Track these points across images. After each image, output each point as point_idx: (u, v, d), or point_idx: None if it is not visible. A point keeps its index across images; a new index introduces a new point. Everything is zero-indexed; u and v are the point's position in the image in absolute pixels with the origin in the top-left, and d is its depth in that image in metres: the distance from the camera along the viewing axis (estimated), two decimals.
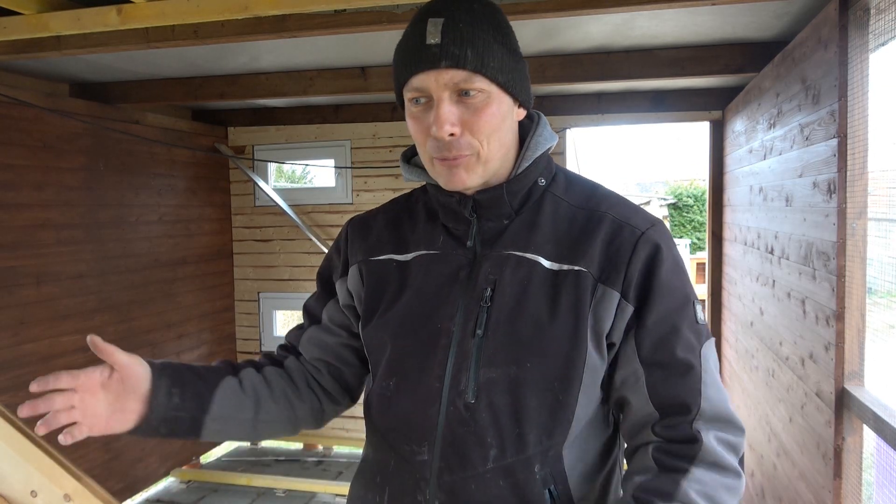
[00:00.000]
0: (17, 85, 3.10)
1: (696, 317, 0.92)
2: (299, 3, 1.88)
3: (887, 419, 1.61)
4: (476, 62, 0.87)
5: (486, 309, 0.92)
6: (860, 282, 1.84)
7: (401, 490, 0.95)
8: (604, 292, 0.90)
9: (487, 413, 0.90)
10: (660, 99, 3.94)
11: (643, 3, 1.99)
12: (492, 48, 0.88)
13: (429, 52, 0.87)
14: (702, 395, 0.89)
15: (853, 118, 1.82)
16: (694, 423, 0.88)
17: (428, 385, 0.93)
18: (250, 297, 4.67)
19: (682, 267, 0.94)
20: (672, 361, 0.89)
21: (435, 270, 0.99)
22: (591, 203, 0.97)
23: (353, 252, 1.08)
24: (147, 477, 3.90)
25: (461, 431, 0.91)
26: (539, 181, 0.98)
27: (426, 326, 0.96)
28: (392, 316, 1.00)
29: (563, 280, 0.91)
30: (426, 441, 0.92)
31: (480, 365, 0.91)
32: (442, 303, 0.96)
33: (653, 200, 13.66)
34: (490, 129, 0.90)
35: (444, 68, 0.86)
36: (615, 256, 0.91)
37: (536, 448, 0.90)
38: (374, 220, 1.10)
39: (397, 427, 0.97)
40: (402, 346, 0.98)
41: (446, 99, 0.88)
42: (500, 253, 0.95)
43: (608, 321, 0.91)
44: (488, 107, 0.89)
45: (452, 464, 0.91)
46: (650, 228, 0.93)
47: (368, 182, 4.41)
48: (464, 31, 0.87)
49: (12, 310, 3.01)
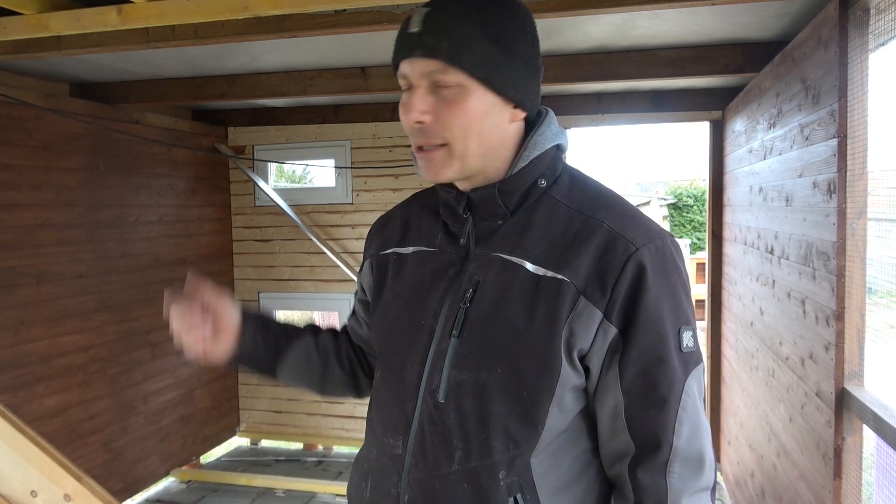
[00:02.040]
0: (17, 85, 3.10)
1: (685, 344, 0.88)
2: (299, 3, 1.88)
3: (887, 419, 1.61)
4: (451, 54, 0.86)
5: (464, 310, 0.92)
6: (860, 282, 1.84)
7: (380, 480, 0.98)
8: (585, 307, 0.86)
9: (455, 415, 0.90)
10: (660, 99, 3.94)
11: (643, 3, 1.99)
12: (473, 41, 0.86)
13: (409, 39, 0.89)
14: (675, 432, 0.87)
15: (853, 118, 1.82)
16: (667, 473, 0.87)
17: (408, 381, 0.95)
18: (250, 297, 4.67)
19: (676, 287, 0.89)
20: (652, 393, 0.87)
21: (428, 266, 0.99)
22: (590, 209, 0.92)
23: (368, 248, 1.13)
24: (147, 477, 3.90)
25: (430, 430, 0.92)
26: (539, 182, 0.95)
27: (411, 322, 0.97)
28: (384, 308, 1.04)
29: (543, 287, 0.88)
30: (401, 436, 0.94)
31: (453, 366, 0.91)
32: (428, 299, 0.96)
33: (653, 200, 13.66)
34: (463, 124, 0.89)
35: (418, 57, 0.87)
36: (603, 273, 0.87)
37: (502, 455, 0.89)
38: (394, 214, 1.13)
39: (380, 419, 1.00)
40: (390, 339, 1.01)
41: (422, 87, 0.89)
42: (487, 254, 0.94)
43: (585, 339, 0.87)
44: (462, 101, 0.88)
45: (420, 461, 0.92)
46: (646, 246, 0.88)
47: (368, 182, 4.41)
48: (445, 22, 0.87)
49: (12, 310, 3.01)
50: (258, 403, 4.73)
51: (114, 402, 3.61)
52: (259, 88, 3.43)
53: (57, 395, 3.25)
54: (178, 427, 4.14)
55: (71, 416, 3.33)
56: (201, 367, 4.36)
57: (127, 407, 3.71)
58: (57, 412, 3.25)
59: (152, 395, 3.90)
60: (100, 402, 3.51)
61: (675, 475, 0.87)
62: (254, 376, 1.19)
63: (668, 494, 0.87)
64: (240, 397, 4.76)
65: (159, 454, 3.98)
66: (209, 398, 4.44)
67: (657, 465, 0.87)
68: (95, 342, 3.47)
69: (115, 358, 3.60)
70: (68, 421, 3.32)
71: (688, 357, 0.89)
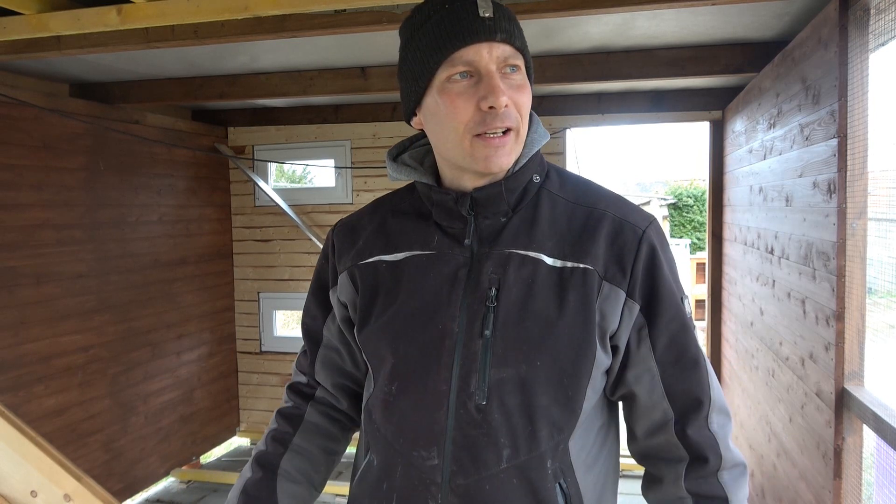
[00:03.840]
0: (17, 85, 3.10)
1: (687, 310, 0.97)
2: (299, 3, 1.88)
3: (887, 419, 1.61)
4: (521, 42, 0.92)
5: (492, 309, 0.91)
6: (860, 282, 1.84)
7: (409, 495, 0.93)
8: (610, 290, 0.91)
9: (500, 413, 0.90)
10: (659, 99, 3.94)
11: (643, 3, 1.99)
12: (523, 34, 0.93)
13: (483, 24, 0.88)
14: (710, 386, 0.96)
15: (853, 118, 1.82)
16: (710, 423, 0.95)
17: (434, 388, 0.92)
18: (250, 297, 4.67)
19: (672, 261, 0.98)
20: (685, 358, 0.95)
21: (433, 271, 0.96)
22: (588, 200, 0.98)
23: (340, 259, 1.05)
24: (147, 477, 3.90)
25: (473, 434, 0.90)
26: (534, 178, 0.98)
27: (427, 329, 0.94)
28: (390, 319, 0.97)
29: (569, 277, 0.92)
30: (435, 445, 0.91)
31: (490, 366, 0.90)
32: (443, 304, 0.94)
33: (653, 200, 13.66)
34: (526, 108, 0.93)
35: (499, 41, 0.89)
36: (620, 255, 0.92)
37: (548, 444, 0.91)
38: (360, 222, 1.07)
39: (403, 432, 0.94)
40: (404, 349, 0.95)
41: (496, 72, 0.89)
42: (501, 251, 0.94)
43: (614, 319, 0.92)
44: (526, 86, 0.92)
45: (465, 466, 0.90)
46: (649, 227, 0.95)
47: (368, 182, 4.41)
48: (508, 11, 0.92)
49: (12, 310, 3.01)
50: (258, 403, 4.73)
51: (114, 402, 3.61)
52: (259, 88, 3.43)
53: (57, 395, 3.25)
54: (177, 427, 4.14)
55: (71, 416, 3.33)
56: (201, 367, 4.37)
57: (127, 407, 3.71)
58: (57, 412, 3.25)
59: (152, 395, 3.90)
60: (100, 402, 3.51)
61: (716, 423, 0.96)
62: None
63: (717, 441, 0.95)
64: (240, 397, 4.76)
65: (159, 454, 3.98)
66: (209, 398, 4.44)
67: (701, 420, 0.95)
68: (95, 342, 3.47)
69: (115, 358, 3.60)
70: (68, 421, 3.32)
71: (692, 321, 0.98)
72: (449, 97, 0.90)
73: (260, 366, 4.72)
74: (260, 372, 4.72)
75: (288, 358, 4.65)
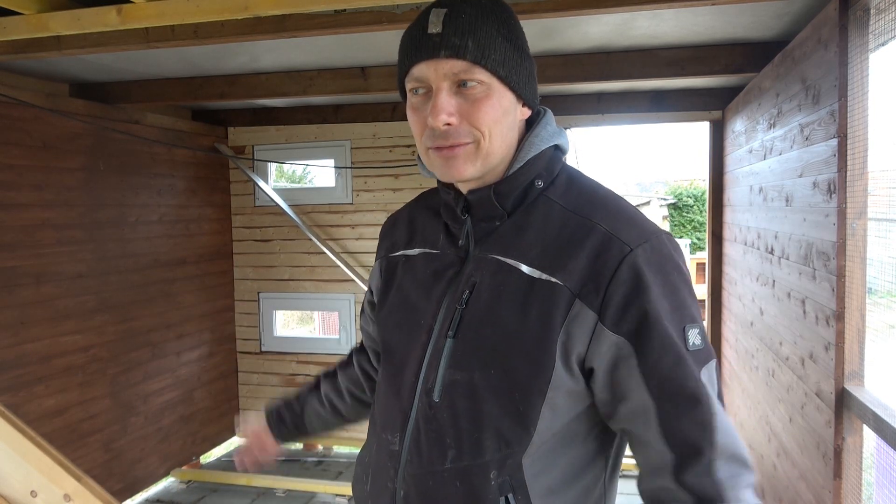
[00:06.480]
0: (17, 85, 3.10)
1: (691, 343, 0.86)
2: (299, 3, 1.88)
3: (887, 419, 1.61)
4: (476, 53, 0.86)
5: (460, 311, 0.93)
6: (860, 282, 1.84)
7: (378, 474, 1.00)
8: (580, 309, 0.85)
9: (448, 414, 0.91)
10: (660, 99, 3.94)
11: (643, 3, 1.99)
12: (494, 41, 0.88)
13: (429, 41, 0.87)
14: (715, 429, 0.84)
15: (853, 118, 1.82)
16: (716, 471, 0.83)
17: (406, 379, 0.97)
18: (250, 297, 4.67)
19: (677, 285, 0.87)
20: (681, 394, 0.84)
21: (430, 267, 1.01)
22: (586, 210, 0.91)
23: (379, 249, 1.15)
24: (147, 477, 3.90)
25: (425, 428, 0.94)
26: (536, 182, 0.95)
27: (411, 321, 1.00)
28: (389, 311, 1.06)
29: (537, 290, 0.88)
30: (398, 432, 0.96)
31: (447, 366, 0.92)
32: (428, 300, 0.98)
33: (653, 200, 13.67)
34: (490, 121, 0.89)
35: (443, 58, 0.86)
36: (597, 275, 0.85)
37: (494, 455, 0.89)
38: (400, 215, 1.15)
39: (380, 414, 1.03)
40: (392, 339, 1.04)
41: (445, 89, 0.88)
42: (484, 255, 0.95)
43: (582, 342, 0.86)
44: (488, 98, 0.88)
45: (415, 458, 0.94)
46: (641, 246, 0.86)
47: (368, 182, 4.41)
48: (466, 22, 0.87)
49: (12, 310, 3.01)
50: (258, 403, 4.73)
51: (114, 402, 3.61)
52: (259, 88, 3.42)
53: (57, 395, 3.25)
54: (177, 427, 4.14)
55: (71, 416, 3.33)
56: (201, 367, 4.37)
57: (127, 407, 3.70)
58: (57, 412, 3.25)
59: (152, 395, 3.90)
60: (100, 402, 3.51)
61: (723, 472, 0.84)
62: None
63: (723, 490, 0.83)
64: (240, 397, 4.76)
65: (159, 454, 3.98)
66: (209, 398, 4.44)
67: (703, 466, 0.83)
68: (95, 342, 3.47)
69: (115, 358, 3.60)
70: (68, 421, 3.32)
71: (696, 355, 0.86)
72: (410, 110, 0.94)
73: (260, 366, 4.72)
74: (260, 372, 4.72)
75: (288, 358, 4.65)
